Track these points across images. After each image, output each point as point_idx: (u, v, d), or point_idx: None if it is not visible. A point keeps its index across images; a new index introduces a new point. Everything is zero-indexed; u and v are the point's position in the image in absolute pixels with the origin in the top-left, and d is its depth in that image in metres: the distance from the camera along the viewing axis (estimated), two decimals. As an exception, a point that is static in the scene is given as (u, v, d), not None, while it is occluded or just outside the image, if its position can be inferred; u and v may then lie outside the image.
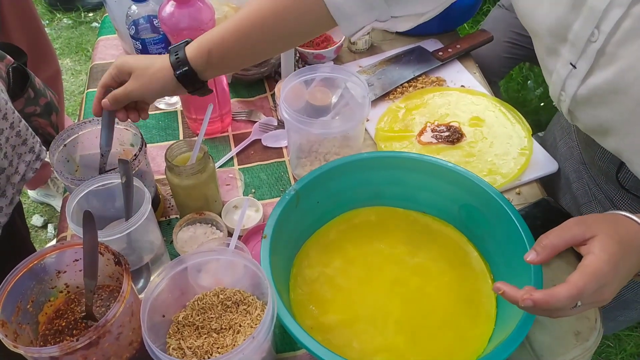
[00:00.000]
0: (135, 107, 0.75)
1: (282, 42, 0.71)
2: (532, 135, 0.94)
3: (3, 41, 0.90)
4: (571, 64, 0.61)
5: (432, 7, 0.68)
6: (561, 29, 0.60)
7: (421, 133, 0.95)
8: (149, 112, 1.02)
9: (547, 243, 0.55)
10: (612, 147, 0.64)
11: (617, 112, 0.58)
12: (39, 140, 0.82)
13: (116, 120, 0.76)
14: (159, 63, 0.70)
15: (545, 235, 0.55)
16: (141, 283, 0.76)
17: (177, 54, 0.69)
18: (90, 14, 2.72)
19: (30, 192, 1.86)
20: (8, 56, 0.80)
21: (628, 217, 0.56)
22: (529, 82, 2.22)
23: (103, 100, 0.72)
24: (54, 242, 1.73)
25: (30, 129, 0.79)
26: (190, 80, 0.70)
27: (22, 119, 0.77)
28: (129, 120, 0.75)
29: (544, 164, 0.91)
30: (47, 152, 0.87)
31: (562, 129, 0.93)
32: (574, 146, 0.87)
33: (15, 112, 0.76)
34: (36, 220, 1.85)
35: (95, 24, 2.66)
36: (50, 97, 0.88)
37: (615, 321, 0.94)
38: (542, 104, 2.13)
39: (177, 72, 0.69)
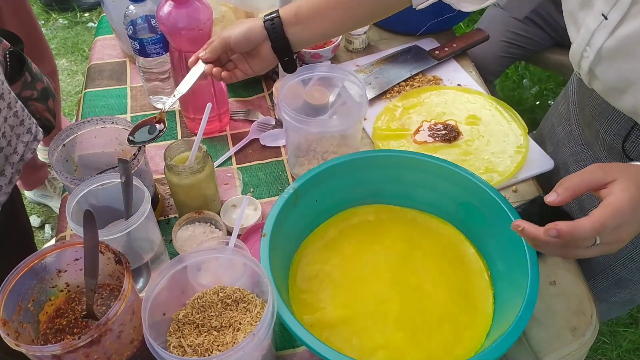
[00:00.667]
0: (228, 67, 0.80)
1: (364, 12, 0.78)
2: (527, 133, 0.95)
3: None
4: (603, 15, 0.62)
5: None
6: None
7: (416, 132, 0.96)
8: (147, 113, 1.04)
9: (568, 185, 0.56)
10: (631, 104, 0.65)
11: None
12: (35, 122, 0.82)
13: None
14: (251, 20, 0.78)
15: (567, 177, 0.57)
16: (141, 282, 0.76)
17: (271, 13, 0.77)
18: (86, 14, 2.72)
19: (27, 193, 1.86)
20: (4, 40, 0.81)
21: None
22: (524, 80, 2.23)
23: (200, 53, 0.78)
24: (51, 242, 1.73)
25: (26, 111, 0.79)
26: (277, 31, 0.76)
27: (19, 101, 0.78)
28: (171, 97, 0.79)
29: (540, 161, 0.92)
30: (43, 135, 0.88)
31: (560, 116, 0.94)
32: (573, 129, 0.88)
33: (12, 92, 0.76)
34: (33, 221, 1.85)
35: (91, 24, 2.66)
36: (47, 83, 0.88)
37: (609, 302, 0.96)
38: (537, 103, 2.15)
39: (266, 19, 0.76)
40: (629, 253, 0.84)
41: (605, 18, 0.62)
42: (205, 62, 0.78)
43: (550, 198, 0.56)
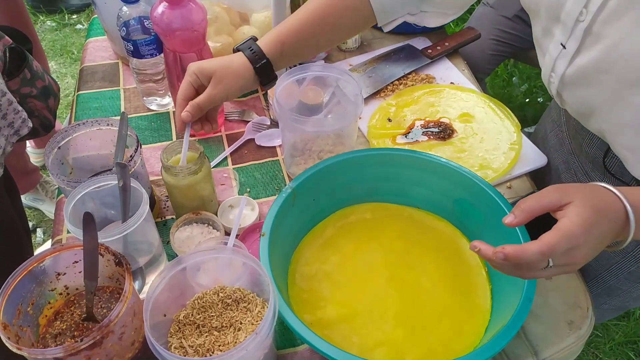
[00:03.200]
0: (207, 118, 0.78)
1: (335, 35, 0.81)
2: (520, 130, 0.96)
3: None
4: (562, 44, 0.64)
5: (458, 6, 0.77)
6: (556, 7, 0.63)
7: (407, 131, 0.96)
8: (141, 114, 1.04)
9: (525, 207, 0.56)
10: (596, 129, 0.67)
11: (601, 91, 0.61)
12: (22, 117, 0.81)
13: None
14: (236, 61, 0.74)
15: (524, 199, 0.57)
16: (136, 285, 0.76)
17: (252, 49, 0.74)
18: (74, 16, 2.70)
19: None
20: (7, 37, 0.81)
21: (606, 187, 0.58)
22: (513, 78, 2.25)
23: (183, 113, 0.73)
24: (44, 246, 1.72)
25: (14, 104, 0.79)
26: (267, 72, 0.75)
27: (8, 94, 0.77)
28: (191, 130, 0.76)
29: (533, 158, 0.93)
30: (34, 133, 0.87)
31: (553, 122, 0.95)
32: (564, 137, 0.89)
33: (2, 85, 0.76)
34: (24, 225, 1.83)
35: (79, 26, 2.64)
36: (50, 82, 0.88)
37: (601, 309, 0.97)
38: (527, 100, 2.17)
39: (257, 66, 0.74)
40: (617, 262, 0.84)
41: (564, 47, 0.64)
42: (187, 121, 0.74)
43: (508, 220, 0.57)
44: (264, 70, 0.74)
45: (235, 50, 0.76)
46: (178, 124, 0.75)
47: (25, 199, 1.84)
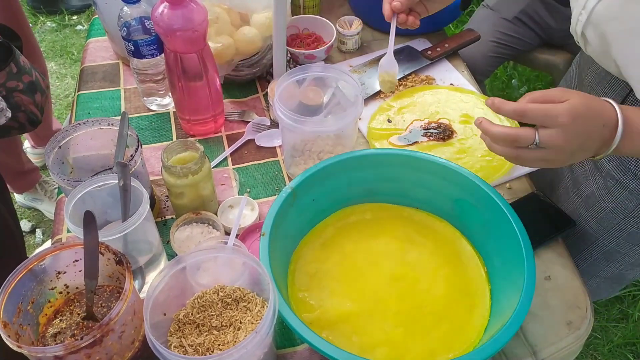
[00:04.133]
0: (411, 12, 0.88)
1: None
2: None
3: None
4: None
5: None
6: None
7: (405, 131, 0.97)
8: (141, 114, 1.04)
9: (529, 94, 0.64)
10: (613, 68, 0.71)
11: (622, 26, 0.64)
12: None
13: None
14: None
15: (532, 92, 0.64)
16: (136, 285, 0.76)
17: None
18: (75, 17, 2.70)
19: (17, 197, 1.84)
20: None
21: (606, 100, 0.64)
22: (513, 80, 2.25)
23: (393, 3, 0.85)
24: (43, 246, 1.72)
25: None
26: None
27: None
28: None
29: (532, 159, 0.93)
30: (21, 128, 0.88)
31: None
32: None
33: None
34: (24, 225, 1.83)
35: (79, 27, 2.64)
36: (37, 77, 0.88)
37: (598, 277, 0.98)
38: (526, 102, 2.17)
39: None
40: (617, 224, 0.87)
41: None
42: (397, 11, 0.86)
43: (496, 102, 0.65)
44: None
45: None
46: (386, 13, 0.86)
47: (23, 199, 1.84)
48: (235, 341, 0.63)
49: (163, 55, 0.94)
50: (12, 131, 0.86)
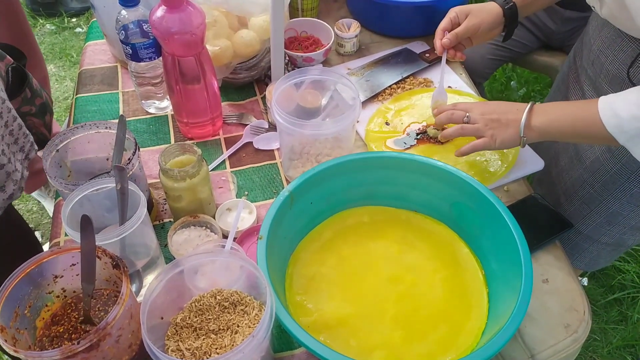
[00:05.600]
0: (457, 47, 0.98)
1: None
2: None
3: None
4: None
5: None
6: None
7: (402, 133, 0.97)
8: (139, 117, 1.04)
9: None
10: (630, 25, 0.75)
11: None
12: (30, 140, 0.82)
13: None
14: (490, 4, 0.94)
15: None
16: (133, 288, 0.76)
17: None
18: (74, 20, 2.70)
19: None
20: (8, 56, 0.81)
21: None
22: (512, 82, 2.25)
23: (444, 40, 0.94)
24: (44, 248, 1.72)
25: (23, 128, 0.80)
26: (513, 15, 0.94)
27: (18, 118, 0.78)
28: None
29: (530, 162, 0.93)
30: (37, 152, 0.88)
31: (563, 76, 1.05)
32: (577, 75, 0.98)
33: (12, 110, 0.76)
34: (23, 227, 1.83)
35: (79, 30, 2.64)
36: (46, 97, 0.89)
37: (599, 243, 1.02)
38: (525, 104, 2.17)
39: (506, 7, 0.93)
40: (621, 184, 0.90)
41: None
42: (446, 47, 0.95)
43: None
44: (511, 13, 0.93)
45: None
46: (438, 49, 0.96)
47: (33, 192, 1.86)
48: (233, 345, 0.63)
49: (161, 58, 0.94)
50: None
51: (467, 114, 0.84)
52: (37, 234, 1.84)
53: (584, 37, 0.97)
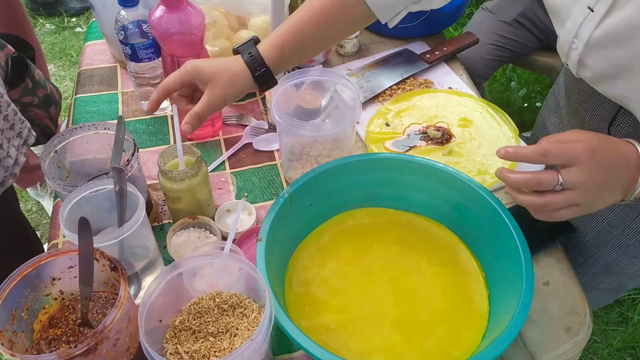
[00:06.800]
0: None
1: (335, 35, 0.78)
2: (518, 135, 0.96)
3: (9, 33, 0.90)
4: (589, 7, 0.64)
5: None
6: None
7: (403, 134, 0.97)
8: (139, 118, 1.03)
9: (545, 139, 0.62)
10: (621, 91, 0.67)
11: (633, 49, 0.61)
12: (27, 126, 0.81)
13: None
14: (234, 66, 0.72)
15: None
16: (132, 290, 0.76)
17: (251, 54, 0.71)
18: (74, 19, 2.70)
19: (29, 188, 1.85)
20: (9, 46, 0.81)
21: (627, 140, 0.61)
22: (512, 83, 2.25)
23: (183, 125, 0.72)
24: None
25: (19, 115, 0.79)
26: (266, 79, 0.73)
27: (11, 104, 0.77)
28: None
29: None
30: (35, 142, 0.87)
31: (550, 110, 0.97)
32: (562, 120, 0.91)
33: (5, 96, 0.76)
34: (22, 228, 1.83)
35: (78, 29, 2.64)
36: (51, 90, 0.88)
37: (598, 290, 0.98)
38: (525, 105, 2.17)
39: (256, 74, 0.72)
40: (616, 237, 0.86)
41: (592, 10, 0.64)
42: (190, 133, 0.74)
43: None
44: (263, 78, 0.73)
45: (235, 51, 0.74)
46: (152, 106, 0.73)
47: (31, 193, 1.85)
48: (232, 348, 0.62)
49: (160, 58, 0.94)
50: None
51: (561, 180, 0.58)
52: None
53: (564, 83, 0.91)
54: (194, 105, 0.73)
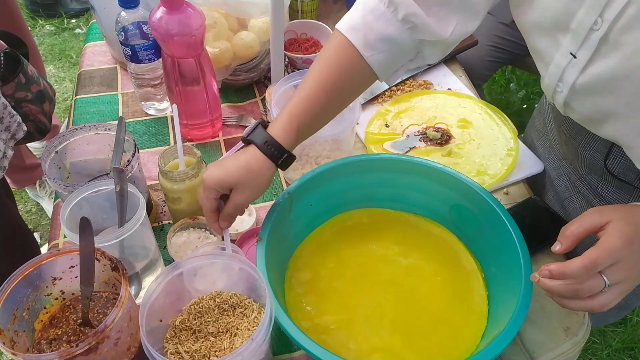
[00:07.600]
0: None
1: (344, 100, 0.75)
2: (517, 136, 0.96)
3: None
4: (571, 53, 0.62)
5: (450, 28, 0.69)
6: (564, 18, 0.60)
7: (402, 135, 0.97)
8: (139, 119, 1.04)
9: (569, 233, 0.59)
10: (610, 134, 0.65)
11: (619, 98, 0.59)
12: (17, 120, 0.81)
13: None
14: (254, 164, 0.68)
15: (566, 226, 0.60)
16: (132, 290, 0.76)
17: (267, 144, 0.68)
18: (74, 20, 2.70)
19: (27, 189, 1.85)
20: (1, 42, 0.81)
21: None
22: (511, 84, 2.26)
23: (220, 225, 0.70)
24: (42, 249, 1.72)
25: (8, 109, 0.79)
26: (288, 162, 0.70)
27: (2, 97, 0.77)
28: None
29: (530, 164, 0.93)
30: (30, 138, 0.88)
31: (537, 131, 0.95)
32: (552, 144, 0.89)
33: None
34: (21, 228, 1.83)
35: (78, 30, 2.64)
36: (44, 86, 0.88)
37: (592, 316, 0.96)
38: (524, 106, 2.17)
39: (280, 162, 0.69)
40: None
41: (574, 57, 0.62)
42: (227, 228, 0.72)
43: (557, 248, 0.60)
44: (286, 162, 0.70)
45: (246, 140, 0.70)
46: (216, 230, 0.71)
47: (30, 193, 1.85)
48: (232, 348, 0.63)
49: (160, 59, 0.94)
50: (20, 141, 0.86)
51: (607, 282, 0.57)
52: (36, 235, 1.83)
53: (552, 110, 0.87)
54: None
